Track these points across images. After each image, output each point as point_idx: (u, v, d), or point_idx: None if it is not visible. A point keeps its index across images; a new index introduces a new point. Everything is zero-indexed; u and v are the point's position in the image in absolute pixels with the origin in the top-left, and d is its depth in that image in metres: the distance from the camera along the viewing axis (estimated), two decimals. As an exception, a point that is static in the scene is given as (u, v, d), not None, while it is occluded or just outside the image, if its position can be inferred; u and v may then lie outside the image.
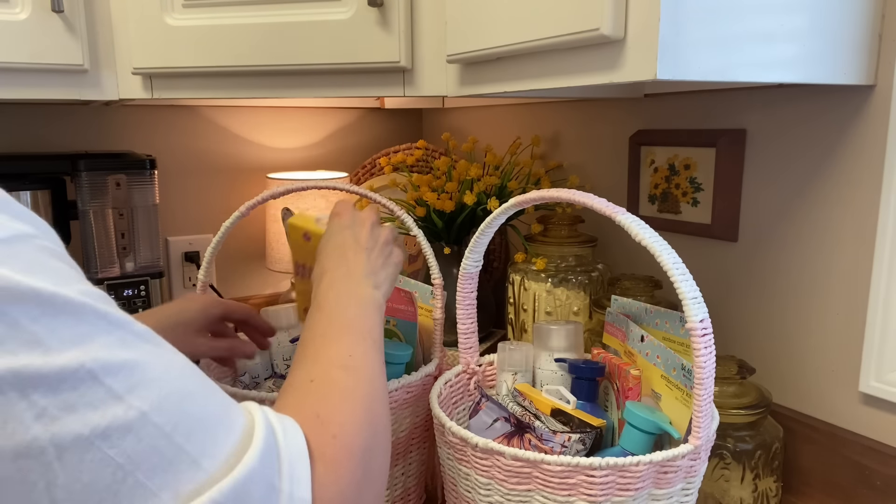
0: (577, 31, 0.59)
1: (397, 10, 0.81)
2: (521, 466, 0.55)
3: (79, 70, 0.91)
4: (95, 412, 0.26)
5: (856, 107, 0.74)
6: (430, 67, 0.84)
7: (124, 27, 0.91)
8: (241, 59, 0.87)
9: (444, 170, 1.11)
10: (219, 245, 0.80)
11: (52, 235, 0.30)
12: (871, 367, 0.74)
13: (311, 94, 0.88)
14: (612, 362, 0.70)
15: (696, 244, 0.93)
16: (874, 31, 0.69)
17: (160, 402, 0.28)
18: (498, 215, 0.67)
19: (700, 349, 0.52)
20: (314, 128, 1.48)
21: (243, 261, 1.44)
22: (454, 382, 0.75)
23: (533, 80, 0.68)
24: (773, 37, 0.61)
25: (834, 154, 0.77)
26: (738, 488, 0.74)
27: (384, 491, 0.44)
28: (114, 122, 1.28)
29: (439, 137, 1.46)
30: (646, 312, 0.72)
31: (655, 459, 0.54)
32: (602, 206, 0.57)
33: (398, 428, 0.74)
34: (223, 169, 1.39)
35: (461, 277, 0.73)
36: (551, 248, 0.98)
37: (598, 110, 1.09)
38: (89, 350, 0.26)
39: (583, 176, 1.11)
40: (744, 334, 0.89)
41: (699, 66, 0.57)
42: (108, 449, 0.26)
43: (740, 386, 0.75)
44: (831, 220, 0.78)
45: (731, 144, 0.86)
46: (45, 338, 0.25)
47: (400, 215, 0.80)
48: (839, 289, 0.78)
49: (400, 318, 0.82)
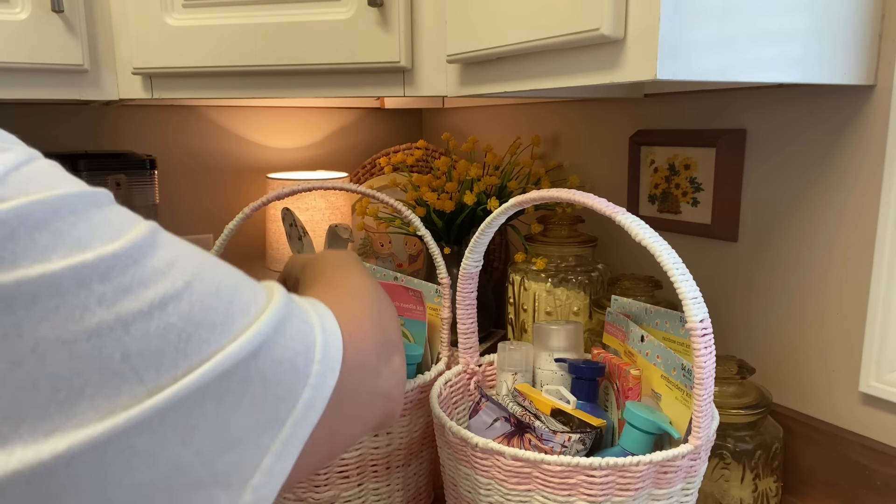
0: (577, 31, 0.59)
1: (397, 10, 0.81)
2: (521, 466, 0.55)
3: (79, 70, 0.91)
4: (147, 290, 0.29)
5: (856, 107, 0.74)
6: (430, 67, 0.84)
7: (124, 27, 0.91)
8: (241, 59, 0.87)
9: (444, 170, 1.11)
10: (222, 247, 0.80)
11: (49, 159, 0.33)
12: (871, 367, 0.74)
13: (312, 94, 0.88)
14: (612, 362, 0.70)
15: (696, 244, 0.93)
16: (874, 31, 0.69)
17: (199, 272, 0.32)
18: (498, 215, 0.67)
19: (700, 349, 0.52)
20: (314, 128, 1.48)
21: (243, 261, 1.44)
22: (454, 382, 0.75)
23: (533, 80, 0.68)
24: (774, 37, 0.61)
25: (834, 154, 0.77)
26: (738, 488, 0.74)
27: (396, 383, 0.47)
28: (114, 122, 1.28)
29: (439, 137, 1.46)
30: (646, 312, 0.72)
31: (655, 459, 0.54)
32: (602, 206, 0.57)
33: (412, 428, 0.74)
34: (223, 169, 1.39)
35: (461, 277, 0.73)
36: (551, 248, 0.98)
37: (598, 110, 1.09)
38: (127, 238, 0.30)
39: (583, 176, 1.11)
40: (744, 334, 0.89)
41: (699, 66, 0.57)
42: (167, 318, 0.29)
43: (740, 386, 0.75)
44: (831, 219, 0.78)
45: (731, 144, 0.86)
46: (85, 238, 0.29)
47: (407, 215, 0.80)
48: (839, 289, 0.78)
49: (408, 318, 0.82)
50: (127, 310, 0.29)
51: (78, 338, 0.27)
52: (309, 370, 0.35)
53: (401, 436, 0.73)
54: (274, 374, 0.33)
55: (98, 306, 0.28)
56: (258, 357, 0.32)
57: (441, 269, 0.79)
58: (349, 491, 0.71)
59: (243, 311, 0.33)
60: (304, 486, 0.70)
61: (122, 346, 0.28)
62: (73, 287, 0.27)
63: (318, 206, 1.29)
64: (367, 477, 0.72)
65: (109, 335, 0.28)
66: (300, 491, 0.70)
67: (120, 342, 0.28)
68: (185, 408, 0.29)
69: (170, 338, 0.29)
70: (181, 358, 0.29)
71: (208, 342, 0.30)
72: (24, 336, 0.26)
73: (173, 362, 0.29)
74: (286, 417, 0.33)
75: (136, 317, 0.29)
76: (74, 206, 0.29)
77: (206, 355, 0.30)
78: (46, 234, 0.28)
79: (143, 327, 0.29)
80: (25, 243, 0.27)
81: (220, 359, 0.31)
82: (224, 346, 0.31)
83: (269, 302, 0.35)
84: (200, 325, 0.30)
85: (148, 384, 0.29)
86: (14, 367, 0.26)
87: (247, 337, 0.32)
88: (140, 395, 0.28)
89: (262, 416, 0.32)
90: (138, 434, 0.28)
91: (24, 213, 0.27)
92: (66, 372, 0.27)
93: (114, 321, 0.28)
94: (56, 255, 0.28)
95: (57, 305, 0.27)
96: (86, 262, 0.28)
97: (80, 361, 0.27)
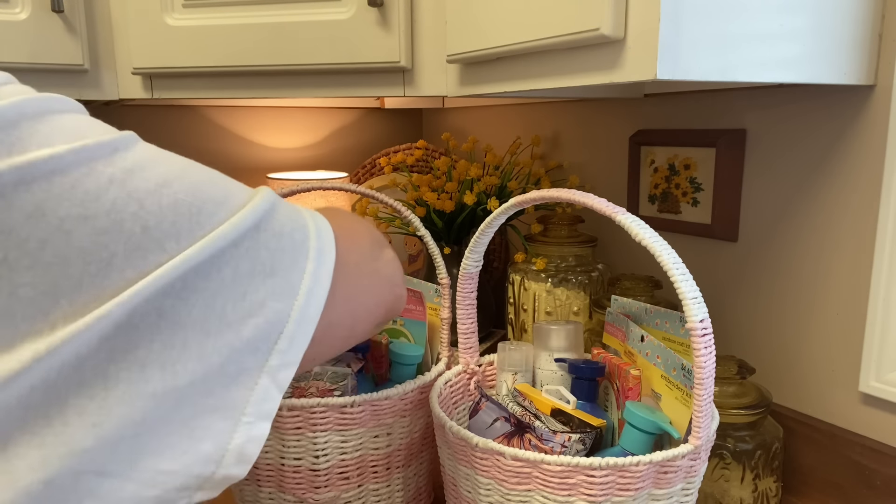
0: (577, 31, 0.59)
1: (397, 10, 0.81)
2: (521, 466, 0.55)
3: (79, 70, 0.91)
4: (148, 171, 0.32)
5: (856, 107, 0.74)
6: (430, 67, 0.84)
7: (124, 27, 0.91)
8: (241, 59, 0.87)
9: (444, 170, 1.11)
10: None
11: None
12: (871, 367, 0.74)
13: (311, 94, 0.88)
14: (612, 362, 0.70)
15: (696, 244, 0.93)
16: (874, 31, 0.69)
17: (188, 163, 0.35)
18: (498, 215, 0.67)
19: (700, 349, 0.52)
20: (314, 128, 1.48)
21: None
22: (454, 382, 0.75)
23: (533, 80, 0.68)
24: (774, 37, 0.61)
25: (834, 154, 0.77)
26: (738, 488, 0.74)
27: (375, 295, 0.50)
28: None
29: (439, 137, 1.46)
30: (646, 312, 0.72)
31: (655, 459, 0.54)
32: (602, 206, 0.57)
33: (412, 428, 0.74)
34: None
35: (461, 277, 0.73)
36: (551, 248, 0.98)
37: (598, 110, 1.09)
38: (118, 133, 0.33)
39: (583, 176, 1.11)
40: (744, 334, 0.89)
41: (699, 66, 0.57)
42: (175, 194, 0.32)
43: (740, 386, 0.75)
44: (831, 219, 0.78)
45: (731, 144, 0.86)
46: (82, 129, 0.32)
47: (407, 215, 0.80)
48: (839, 289, 0.78)
49: (408, 318, 0.82)
50: (136, 187, 0.31)
51: (98, 214, 0.30)
52: (307, 245, 0.38)
53: (401, 436, 0.73)
54: (277, 244, 0.36)
55: (110, 184, 0.31)
56: (260, 229, 0.35)
57: (441, 269, 0.79)
58: (349, 492, 0.71)
59: (239, 193, 0.36)
60: (304, 487, 0.70)
61: (141, 220, 0.31)
62: (82, 167, 0.30)
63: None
64: (367, 478, 0.72)
65: (126, 210, 0.31)
66: (300, 492, 0.70)
67: (137, 216, 0.31)
68: (203, 273, 0.32)
69: (181, 210, 0.32)
70: (196, 228, 0.32)
71: (216, 215, 0.34)
72: (47, 215, 0.29)
73: (190, 232, 0.32)
74: (298, 285, 0.36)
75: (146, 194, 0.31)
76: (64, 105, 0.33)
77: (216, 224, 0.33)
78: (45, 125, 0.30)
79: (155, 201, 0.31)
80: (28, 132, 0.30)
81: (228, 228, 0.33)
82: (229, 218, 0.34)
83: (257, 192, 0.38)
84: (207, 200, 0.34)
85: (171, 252, 0.31)
86: (44, 244, 0.29)
87: (248, 209, 0.35)
88: (165, 264, 0.31)
89: (275, 284, 0.35)
90: (163, 297, 0.31)
91: (20, 106, 0.30)
92: (92, 246, 0.29)
93: (127, 198, 0.31)
94: (59, 141, 0.30)
95: (72, 185, 0.30)
96: (87, 146, 0.31)
97: (105, 235, 0.30)
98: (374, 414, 0.69)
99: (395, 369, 0.79)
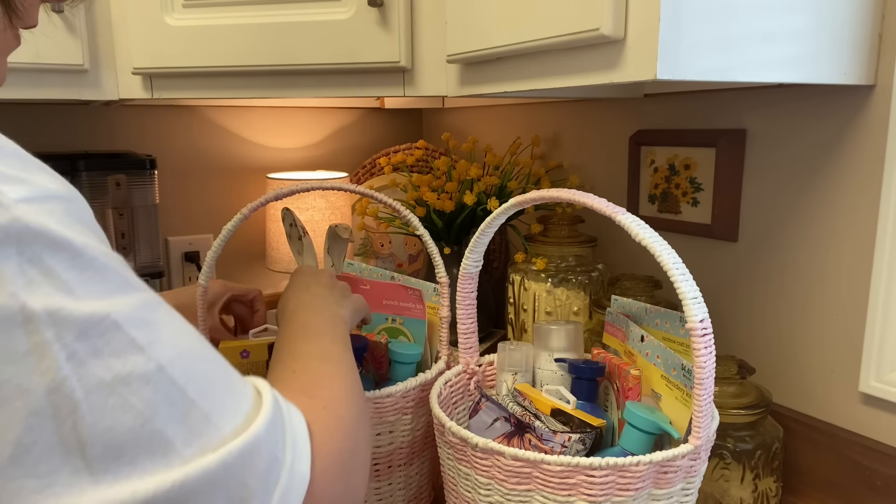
0: (577, 31, 0.59)
1: (397, 10, 0.81)
2: (521, 466, 0.55)
3: (79, 70, 0.91)
4: (118, 360, 0.28)
5: (856, 107, 0.74)
6: (430, 67, 0.84)
7: (124, 27, 0.91)
8: (241, 59, 0.86)
9: (444, 170, 1.11)
10: (220, 248, 0.79)
11: (83, 203, 0.33)
12: (871, 367, 0.74)
13: (311, 94, 0.88)
14: (612, 362, 0.70)
15: (696, 244, 0.93)
16: (874, 31, 0.69)
17: (175, 358, 0.31)
18: (498, 215, 0.67)
19: (700, 349, 0.52)
20: (314, 128, 1.48)
21: (243, 261, 1.44)
22: (454, 382, 0.75)
23: (533, 80, 0.68)
24: (774, 37, 0.61)
25: (834, 154, 0.77)
26: (738, 488, 0.74)
27: (369, 464, 0.48)
28: (114, 122, 1.28)
29: (439, 137, 1.46)
30: (646, 312, 0.72)
31: (655, 459, 0.54)
32: (602, 206, 0.57)
33: (414, 427, 0.74)
34: (223, 169, 1.39)
35: (461, 277, 0.73)
36: (551, 248, 0.98)
37: (598, 110, 1.09)
38: (114, 304, 0.29)
39: (583, 176, 1.11)
40: (744, 334, 0.89)
41: (699, 66, 0.57)
42: (128, 395, 0.28)
43: (740, 386, 0.75)
44: (831, 219, 0.78)
45: (731, 144, 0.86)
46: (75, 287, 0.28)
47: (406, 215, 0.80)
48: (839, 289, 0.78)
49: (408, 317, 0.82)
50: (91, 375, 0.27)
51: (38, 389, 0.26)
52: None
53: (403, 434, 0.73)
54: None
55: (67, 363, 0.27)
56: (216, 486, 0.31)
57: (440, 269, 0.79)
58: (349, 491, 0.71)
59: (208, 414, 0.32)
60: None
61: (77, 414, 0.27)
62: (48, 332, 0.26)
63: (318, 206, 1.29)
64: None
65: (70, 397, 0.27)
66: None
67: (77, 409, 0.27)
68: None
69: (124, 419, 0.28)
70: (130, 444, 0.28)
71: (161, 436, 0.29)
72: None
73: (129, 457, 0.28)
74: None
75: (98, 386, 0.27)
76: (75, 253, 0.29)
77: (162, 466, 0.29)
78: (36, 270, 0.27)
79: (101, 399, 0.27)
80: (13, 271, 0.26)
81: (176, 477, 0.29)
82: (175, 446, 0.30)
83: (251, 418, 0.34)
84: (158, 414, 0.29)
85: (96, 475, 0.27)
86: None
87: (209, 461, 0.31)
88: (84, 483, 0.27)
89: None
90: None
91: (23, 235, 0.27)
92: (20, 426, 0.26)
93: (76, 384, 0.27)
94: (39, 293, 0.27)
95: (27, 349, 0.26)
96: (65, 311, 0.27)
97: (34, 417, 0.26)
98: (376, 412, 0.69)
99: (395, 368, 0.79)
